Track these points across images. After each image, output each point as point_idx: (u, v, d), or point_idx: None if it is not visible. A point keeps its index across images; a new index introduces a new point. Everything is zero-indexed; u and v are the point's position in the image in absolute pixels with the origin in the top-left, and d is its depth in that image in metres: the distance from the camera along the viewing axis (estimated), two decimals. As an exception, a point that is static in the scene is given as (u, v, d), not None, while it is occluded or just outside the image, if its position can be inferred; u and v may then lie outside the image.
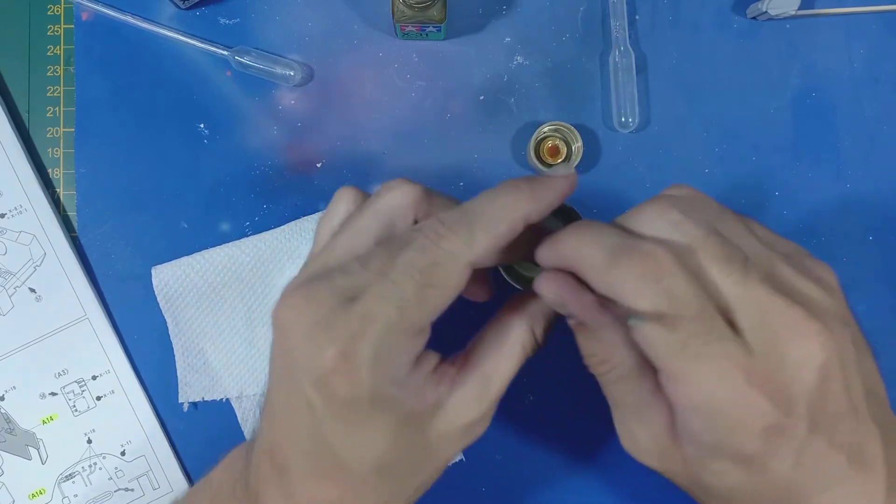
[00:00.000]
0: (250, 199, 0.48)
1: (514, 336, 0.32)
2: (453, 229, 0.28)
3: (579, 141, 0.46)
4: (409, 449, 0.30)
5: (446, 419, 0.30)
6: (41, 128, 0.48)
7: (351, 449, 0.29)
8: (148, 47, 0.48)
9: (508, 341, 0.32)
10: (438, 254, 0.28)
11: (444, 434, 0.30)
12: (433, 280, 0.28)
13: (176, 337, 0.47)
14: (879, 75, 0.48)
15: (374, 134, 0.48)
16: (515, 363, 0.31)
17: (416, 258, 0.28)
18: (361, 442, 0.29)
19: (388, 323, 0.27)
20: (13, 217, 0.47)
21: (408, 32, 0.46)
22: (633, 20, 0.48)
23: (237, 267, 0.46)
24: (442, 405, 0.30)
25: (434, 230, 0.28)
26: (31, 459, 0.46)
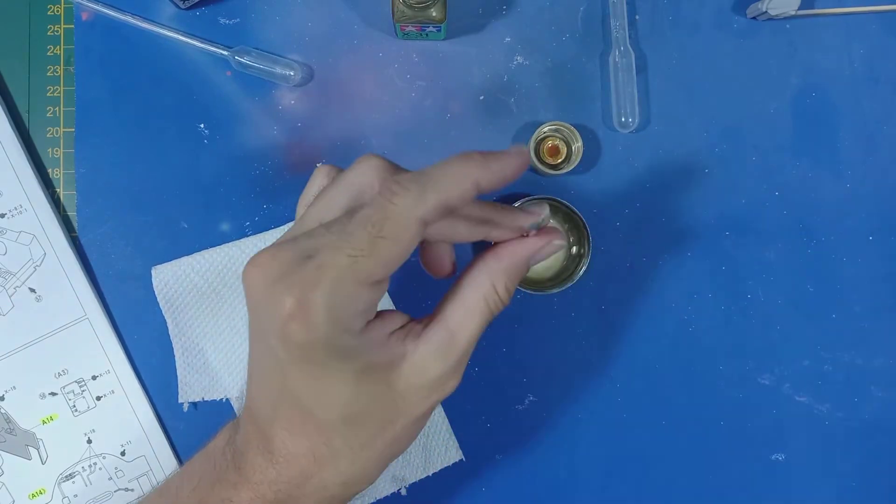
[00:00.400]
0: (250, 199, 0.48)
1: (477, 292, 0.33)
2: (406, 187, 0.30)
3: (579, 141, 0.46)
4: (375, 400, 0.31)
5: (412, 372, 0.32)
6: (41, 128, 0.48)
7: (313, 397, 0.31)
8: (148, 47, 0.48)
9: (472, 297, 0.33)
10: (391, 209, 0.30)
11: (412, 386, 0.32)
12: (385, 232, 0.29)
13: (176, 337, 0.47)
14: (879, 75, 0.48)
15: (374, 134, 0.48)
16: (479, 319, 0.33)
17: (370, 213, 0.30)
18: (322, 389, 0.30)
19: (340, 272, 0.29)
20: (13, 217, 0.47)
21: (408, 32, 0.46)
22: (633, 20, 0.48)
23: (237, 267, 0.46)
24: (407, 358, 0.32)
25: (388, 188, 0.30)
26: (31, 459, 0.46)
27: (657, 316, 0.48)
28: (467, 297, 0.33)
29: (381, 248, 0.29)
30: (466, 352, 0.33)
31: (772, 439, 0.48)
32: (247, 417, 0.33)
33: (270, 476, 0.32)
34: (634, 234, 0.48)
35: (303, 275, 0.29)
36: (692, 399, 0.48)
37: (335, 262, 0.29)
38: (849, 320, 0.48)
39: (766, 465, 0.48)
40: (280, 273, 0.29)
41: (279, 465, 0.32)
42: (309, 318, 0.29)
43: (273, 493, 0.32)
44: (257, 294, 0.30)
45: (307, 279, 0.29)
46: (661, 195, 0.48)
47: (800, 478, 0.48)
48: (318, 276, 0.29)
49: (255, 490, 0.33)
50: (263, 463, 0.32)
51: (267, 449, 0.32)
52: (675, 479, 0.48)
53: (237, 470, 0.33)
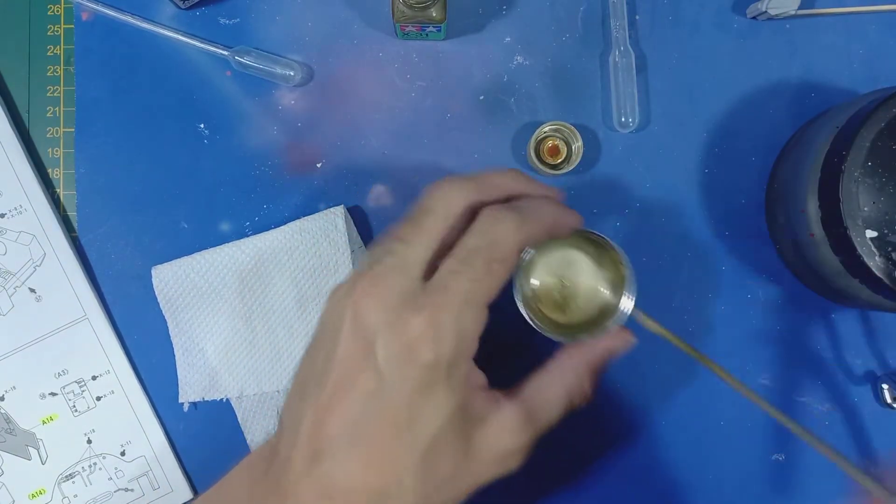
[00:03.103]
0: (250, 199, 0.48)
1: (562, 382, 0.34)
2: (506, 215, 0.32)
3: (579, 141, 0.46)
4: (456, 445, 0.31)
5: (491, 435, 0.32)
6: (41, 128, 0.48)
7: (412, 419, 0.30)
8: (148, 47, 0.48)
9: (556, 386, 0.34)
10: (497, 233, 0.32)
11: (486, 449, 0.32)
12: (495, 255, 0.31)
13: (176, 337, 0.47)
14: (879, 75, 0.48)
15: (374, 134, 0.48)
16: (560, 408, 0.34)
17: (478, 239, 0.32)
18: (424, 413, 0.30)
19: (466, 295, 0.31)
20: (13, 217, 0.47)
21: (408, 32, 0.46)
22: (633, 20, 0.48)
23: (237, 267, 0.46)
24: (489, 420, 0.32)
25: (492, 216, 0.32)
26: (31, 459, 0.46)
27: (656, 315, 0.48)
28: (552, 386, 0.34)
29: (494, 271, 0.31)
30: (537, 436, 0.33)
31: (772, 439, 0.48)
32: (300, 447, 0.32)
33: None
34: (634, 234, 0.48)
35: (431, 298, 0.30)
36: (692, 398, 0.48)
37: (459, 286, 0.31)
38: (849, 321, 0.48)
39: (766, 465, 0.48)
40: (402, 297, 0.31)
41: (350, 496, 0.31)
42: (439, 338, 0.30)
43: None
44: (375, 316, 0.31)
45: (436, 302, 0.30)
46: (661, 195, 0.48)
47: (800, 478, 0.48)
48: (446, 299, 0.30)
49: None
50: (314, 499, 0.31)
51: (324, 486, 0.31)
52: (675, 479, 0.48)
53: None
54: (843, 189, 0.38)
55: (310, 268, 0.46)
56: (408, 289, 0.31)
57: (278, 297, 0.46)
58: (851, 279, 0.40)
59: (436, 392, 0.30)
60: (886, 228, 0.38)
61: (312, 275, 0.46)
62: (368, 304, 0.31)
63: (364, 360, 0.31)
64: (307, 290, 0.46)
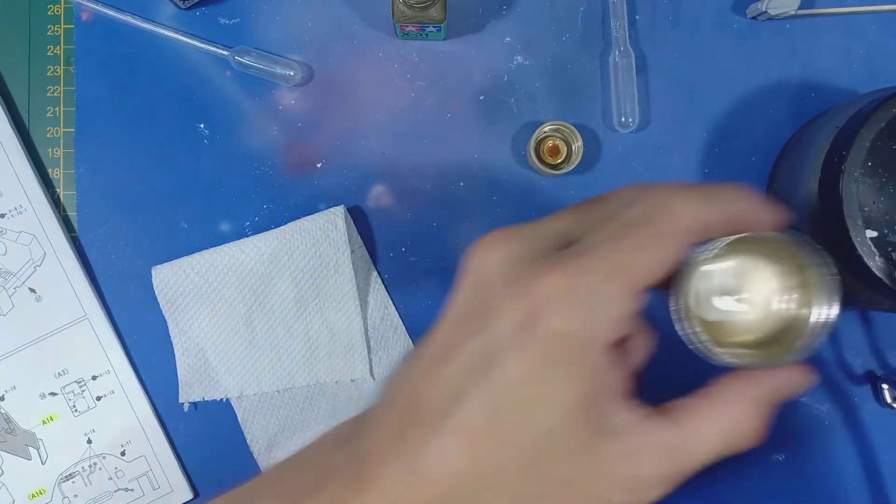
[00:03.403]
0: (250, 199, 0.48)
1: (729, 414, 0.27)
2: (690, 191, 0.27)
3: (579, 141, 0.46)
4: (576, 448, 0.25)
5: (618, 456, 0.26)
6: (41, 128, 0.48)
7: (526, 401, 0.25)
8: (148, 47, 0.48)
9: (719, 416, 0.27)
10: (672, 206, 0.26)
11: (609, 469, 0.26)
12: (663, 228, 0.26)
13: (176, 337, 0.47)
14: (879, 75, 0.48)
15: (374, 134, 0.48)
16: (718, 445, 0.27)
17: (645, 206, 0.26)
18: (542, 394, 0.25)
19: (612, 264, 0.25)
20: (13, 217, 0.47)
21: (408, 32, 0.46)
22: (633, 20, 0.48)
23: (237, 267, 0.46)
24: (622, 435, 0.26)
25: (671, 187, 0.27)
26: (31, 459, 0.46)
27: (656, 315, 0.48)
28: (714, 417, 0.27)
29: (657, 249, 0.26)
30: (689, 471, 0.27)
31: (772, 439, 0.48)
32: (391, 417, 0.27)
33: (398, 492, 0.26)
34: (634, 234, 0.48)
35: (569, 259, 0.25)
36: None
37: (607, 252, 0.25)
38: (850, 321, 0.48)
39: (766, 465, 0.48)
40: (532, 253, 0.26)
41: (420, 482, 0.26)
42: (572, 304, 0.25)
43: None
44: (492, 273, 0.26)
45: (575, 264, 0.25)
46: (661, 195, 0.48)
47: (800, 478, 0.48)
48: (589, 262, 0.25)
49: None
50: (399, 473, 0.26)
51: (414, 461, 0.26)
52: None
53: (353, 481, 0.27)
54: (843, 189, 0.38)
55: (310, 268, 0.46)
56: (540, 246, 0.26)
57: (278, 297, 0.46)
58: (851, 279, 0.40)
59: (558, 373, 0.25)
60: (886, 228, 0.38)
61: (312, 275, 0.46)
62: (490, 256, 0.26)
63: (476, 321, 0.26)
64: (307, 290, 0.46)
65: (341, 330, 0.46)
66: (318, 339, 0.46)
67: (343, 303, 0.46)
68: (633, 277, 0.25)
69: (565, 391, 0.25)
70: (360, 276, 0.47)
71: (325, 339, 0.46)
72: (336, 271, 0.46)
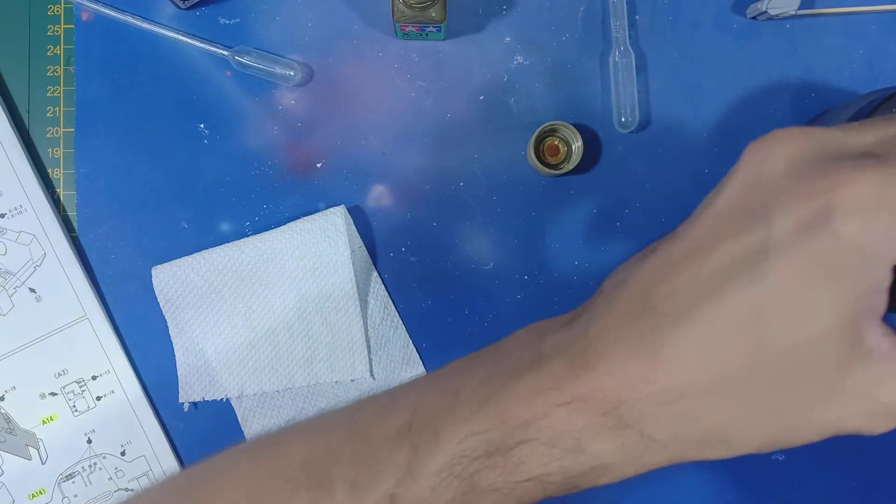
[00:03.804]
0: (250, 199, 0.48)
1: None
2: None
3: (579, 141, 0.46)
4: (826, 366, 0.24)
5: (865, 378, 0.24)
6: (41, 128, 0.48)
7: (788, 308, 0.23)
8: (148, 47, 0.48)
9: None
10: None
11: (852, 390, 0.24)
12: None
13: (176, 337, 0.47)
14: (879, 75, 0.48)
15: (374, 134, 0.48)
16: None
17: None
18: (811, 304, 0.23)
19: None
20: (13, 217, 0.47)
21: (408, 32, 0.46)
22: (633, 20, 0.48)
23: (237, 267, 0.46)
24: (875, 358, 0.24)
25: None
26: (31, 459, 0.46)
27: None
28: None
29: None
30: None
31: (772, 439, 0.48)
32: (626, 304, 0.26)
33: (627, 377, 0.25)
34: (634, 234, 0.48)
35: (883, 167, 0.23)
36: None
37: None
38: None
39: (766, 465, 0.48)
40: (829, 152, 0.24)
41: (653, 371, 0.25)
42: (875, 210, 0.22)
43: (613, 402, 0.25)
44: (780, 168, 0.24)
45: (886, 171, 0.23)
46: (661, 195, 0.48)
47: (800, 478, 0.48)
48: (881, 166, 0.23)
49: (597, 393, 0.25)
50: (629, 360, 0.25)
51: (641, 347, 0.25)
52: (675, 479, 0.48)
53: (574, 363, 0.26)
54: (843, 189, 0.38)
55: (310, 268, 0.46)
56: (837, 151, 0.24)
57: (278, 297, 0.46)
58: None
59: (834, 284, 0.23)
60: (886, 228, 0.38)
61: (312, 275, 0.46)
62: (777, 152, 0.24)
63: (748, 217, 0.24)
64: (307, 290, 0.46)
65: (341, 330, 0.46)
66: (318, 339, 0.46)
67: (343, 303, 0.46)
68: None
69: (836, 305, 0.23)
70: (360, 276, 0.47)
71: (325, 339, 0.46)
72: (336, 271, 0.46)
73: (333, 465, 0.30)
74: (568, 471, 0.27)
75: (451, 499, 0.28)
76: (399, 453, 0.29)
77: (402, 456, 0.29)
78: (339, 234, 0.46)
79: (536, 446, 0.27)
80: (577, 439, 0.27)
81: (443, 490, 0.28)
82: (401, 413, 0.30)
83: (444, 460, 0.28)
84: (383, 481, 0.29)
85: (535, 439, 0.27)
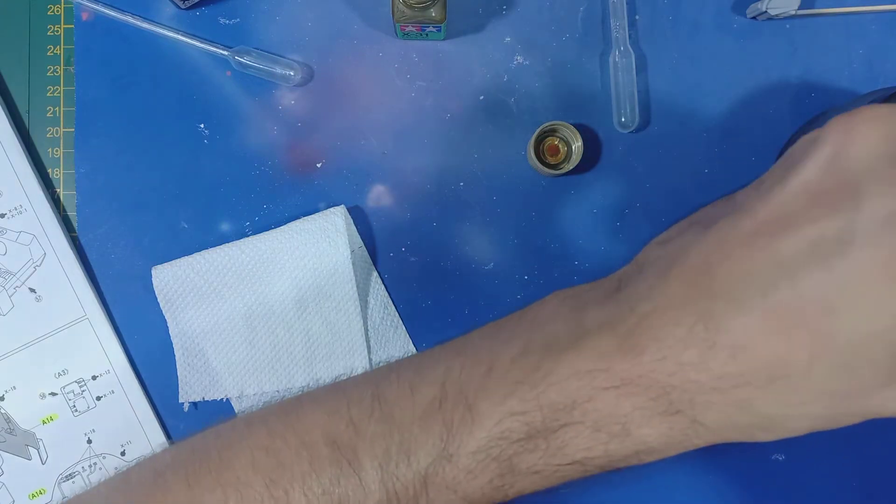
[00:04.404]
0: (250, 199, 0.48)
1: None
2: None
3: (579, 141, 0.46)
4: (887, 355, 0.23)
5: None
6: (41, 128, 0.48)
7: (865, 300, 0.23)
8: (148, 47, 0.48)
9: None
10: None
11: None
12: None
13: (176, 337, 0.47)
14: (879, 75, 0.48)
15: (374, 134, 0.48)
16: None
17: None
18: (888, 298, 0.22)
19: None
20: (13, 217, 0.47)
21: (408, 32, 0.46)
22: (633, 20, 0.48)
23: (237, 267, 0.46)
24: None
25: None
26: (31, 459, 0.46)
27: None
28: None
29: None
30: None
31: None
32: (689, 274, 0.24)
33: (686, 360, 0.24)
34: (634, 234, 0.48)
35: None
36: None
37: None
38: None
39: (766, 465, 0.48)
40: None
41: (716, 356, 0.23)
42: None
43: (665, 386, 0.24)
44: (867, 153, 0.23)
45: None
46: (661, 195, 0.48)
47: (800, 478, 0.48)
48: None
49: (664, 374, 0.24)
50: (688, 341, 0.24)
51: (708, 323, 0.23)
52: (674, 479, 0.48)
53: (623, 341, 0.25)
54: (843, 189, 0.38)
55: (310, 268, 0.46)
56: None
57: (278, 297, 0.46)
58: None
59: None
60: (886, 228, 0.38)
61: (312, 275, 0.46)
62: (870, 132, 0.23)
63: (832, 198, 0.23)
64: (307, 290, 0.46)
65: (341, 330, 0.46)
66: (318, 339, 0.46)
67: (343, 303, 0.46)
68: None
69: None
70: (360, 276, 0.47)
71: (325, 339, 0.46)
72: (336, 271, 0.46)
73: (359, 442, 0.29)
74: (612, 454, 0.26)
75: (487, 481, 0.27)
76: (431, 432, 0.27)
77: (435, 435, 0.27)
78: (339, 234, 0.46)
79: (581, 430, 0.26)
80: (623, 424, 0.26)
81: (479, 472, 0.27)
82: (428, 388, 0.29)
83: (482, 441, 0.27)
84: (415, 461, 0.27)
85: (580, 423, 0.26)
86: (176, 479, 0.31)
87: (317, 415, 0.31)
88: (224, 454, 0.31)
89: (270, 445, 0.30)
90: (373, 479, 0.28)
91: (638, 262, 0.28)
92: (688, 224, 0.27)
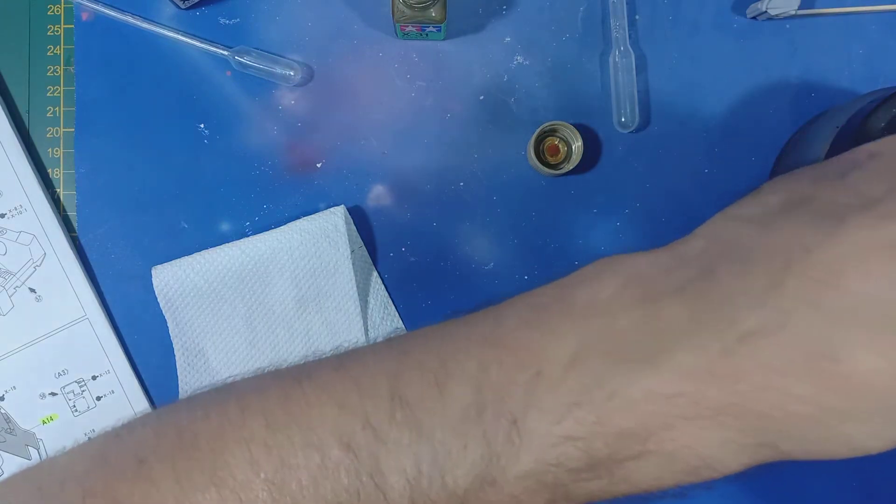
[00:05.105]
0: (250, 199, 0.48)
1: None
2: None
3: (579, 141, 0.46)
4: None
5: None
6: (41, 128, 0.48)
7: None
8: (148, 47, 0.48)
9: None
10: None
11: None
12: None
13: (176, 337, 0.47)
14: (879, 75, 0.48)
15: (374, 134, 0.48)
16: None
17: None
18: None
19: None
20: (13, 217, 0.47)
21: (408, 32, 0.46)
22: (633, 20, 0.48)
23: (237, 267, 0.46)
24: None
25: None
26: (31, 459, 0.46)
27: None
28: None
29: None
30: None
31: (772, 439, 0.48)
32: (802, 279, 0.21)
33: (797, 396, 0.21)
34: (634, 234, 0.48)
35: None
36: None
37: None
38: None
39: (765, 464, 0.48)
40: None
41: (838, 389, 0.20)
42: None
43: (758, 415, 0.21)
44: None
45: None
46: (661, 195, 0.48)
47: (800, 478, 0.48)
48: None
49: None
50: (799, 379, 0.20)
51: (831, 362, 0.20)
52: (675, 479, 0.48)
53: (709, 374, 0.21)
54: (843, 189, 0.38)
55: (310, 268, 0.46)
56: None
57: (278, 297, 0.46)
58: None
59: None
60: (886, 228, 0.38)
61: (312, 275, 0.46)
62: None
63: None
64: (307, 290, 0.46)
65: (341, 330, 0.46)
66: (318, 339, 0.46)
67: (343, 303, 0.46)
68: None
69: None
70: (360, 276, 0.47)
71: (325, 339, 0.46)
72: (336, 271, 0.46)
73: (380, 450, 0.24)
74: (681, 483, 0.23)
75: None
76: (469, 449, 0.23)
77: (474, 452, 0.23)
78: (339, 234, 0.46)
79: (653, 460, 0.23)
80: (705, 459, 0.23)
81: (527, 499, 0.23)
82: (459, 387, 0.24)
83: (532, 466, 0.23)
84: (451, 481, 0.23)
85: (653, 453, 0.22)
86: (162, 470, 0.27)
87: (325, 407, 0.26)
88: (216, 446, 0.27)
89: (271, 440, 0.26)
90: (401, 495, 0.24)
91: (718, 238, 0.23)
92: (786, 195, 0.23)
